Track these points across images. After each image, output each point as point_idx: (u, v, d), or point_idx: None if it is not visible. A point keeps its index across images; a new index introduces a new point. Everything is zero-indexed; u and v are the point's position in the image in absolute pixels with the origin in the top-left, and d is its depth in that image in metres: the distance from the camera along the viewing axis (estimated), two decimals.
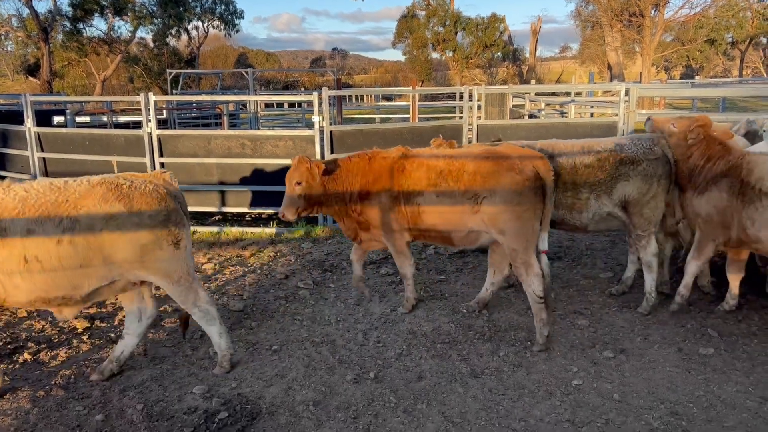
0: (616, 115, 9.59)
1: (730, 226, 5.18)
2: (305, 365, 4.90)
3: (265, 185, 9.05)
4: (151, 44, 43.54)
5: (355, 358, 5.00)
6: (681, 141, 5.50)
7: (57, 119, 14.37)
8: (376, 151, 5.82)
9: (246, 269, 7.41)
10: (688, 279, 5.55)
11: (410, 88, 22.54)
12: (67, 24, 36.35)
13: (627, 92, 9.30)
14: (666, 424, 3.99)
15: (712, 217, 5.25)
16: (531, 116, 15.57)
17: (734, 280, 5.65)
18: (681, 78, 47.50)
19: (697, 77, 34.68)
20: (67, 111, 13.90)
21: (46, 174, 10.06)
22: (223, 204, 9.37)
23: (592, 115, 15.39)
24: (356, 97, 35.47)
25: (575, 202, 5.69)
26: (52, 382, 4.70)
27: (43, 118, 13.53)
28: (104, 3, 36.01)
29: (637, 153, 5.64)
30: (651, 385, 4.49)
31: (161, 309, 6.10)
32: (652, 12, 31.32)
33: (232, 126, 19.10)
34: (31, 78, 38.74)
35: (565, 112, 14.57)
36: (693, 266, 5.51)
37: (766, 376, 4.57)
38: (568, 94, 17.39)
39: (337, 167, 5.69)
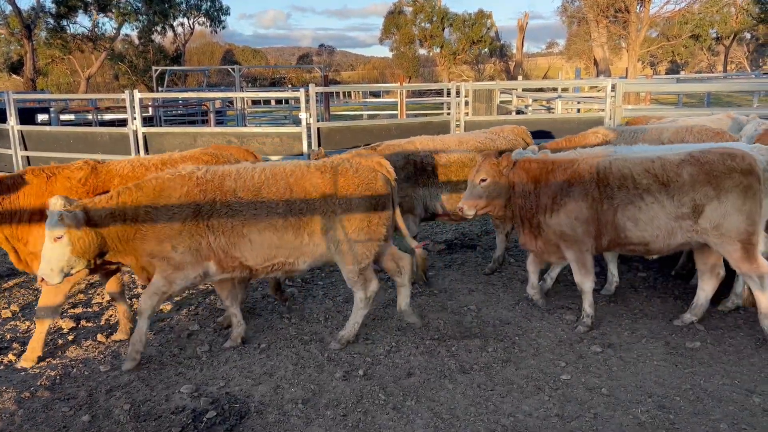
0: (603, 110, 9.64)
1: (599, 231, 5.18)
2: (294, 363, 4.88)
3: None
4: (137, 41, 43.20)
5: (344, 356, 4.98)
6: (500, 178, 5.44)
7: (41, 117, 14.24)
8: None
9: None
10: (590, 298, 5.38)
11: (398, 84, 22.53)
12: (51, 21, 35.98)
13: (613, 88, 9.36)
14: (653, 418, 4.02)
15: (577, 229, 5.20)
16: (518, 112, 15.62)
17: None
18: (666, 73, 47.83)
19: (682, 72, 34.90)
20: (51, 109, 13.77)
21: None
22: None
23: (578, 110, 15.47)
24: (344, 93, 35.37)
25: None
26: (38, 383, 4.64)
27: (27, 116, 13.41)
28: (88, 0, 35.66)
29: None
30: (638, 379, 4.51)
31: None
32: (638, 8, 31.50)
33: (219, 123, 19.02)
34: (14, 76, 38.34)
35: (552, 108, 14.62)
36: (588, 285, 5.35)
37: (751, 368, 4.61)
38: (554, 89, 17.46)
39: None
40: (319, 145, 9.01)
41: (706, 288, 5.36)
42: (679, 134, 6.60)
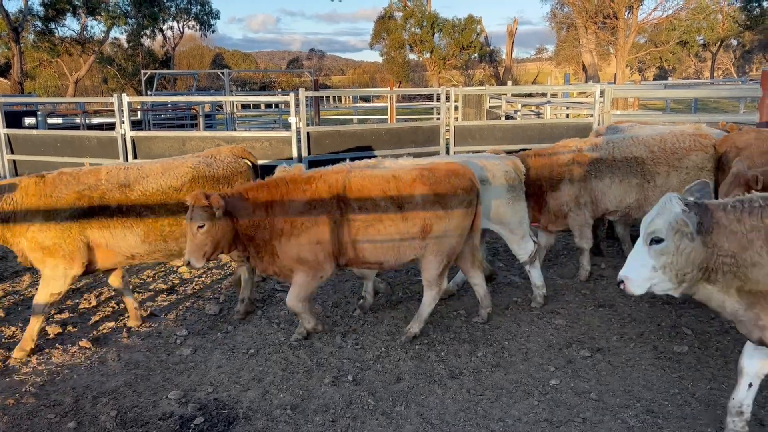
0: (591, 115, 9.70)
1: (338, 252, 5.01)
2: (282, 369, 4.85)
3: None
4: (126, 44, 42.93)
5: (333, 361, 4.96)
6: (218, 219, 4.78)
7: (28, 120, 14.11)
8: None
9: (222, 272, 7.33)
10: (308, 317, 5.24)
11: (388, 89, 22.56)
12: (39, 24, 35.65)
13: (602, 93, 9.41)
14: (642, 422, 4.03)
15: (318, 254, 4.93)
16: (507, 117, 15.67)
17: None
18: (654, 79, 48.25)
19: (670, 78, 35.22)
20: (39, 112, 13.65)
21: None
22: None
23: (567, 116, 15.54)
24: (334, 98, 35.43)
25: None
26: (23, 390, 4.59)
27: (14, 119, 13.29)
28: (77, 2, 35.38)
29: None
30: (627, 384, 4.53)
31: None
32: (626, 14, 31.73)
33: (208, 127, 18.95)
34: (1, 79, 37.96)
35: (541, 113, 14.68)
36: (300, 306, 5.10)
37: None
38: (544, 95, 17.54)
39: None
40: (309, 149, 8.99)
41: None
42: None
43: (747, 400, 3.77)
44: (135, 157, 9.12)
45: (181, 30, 45.88)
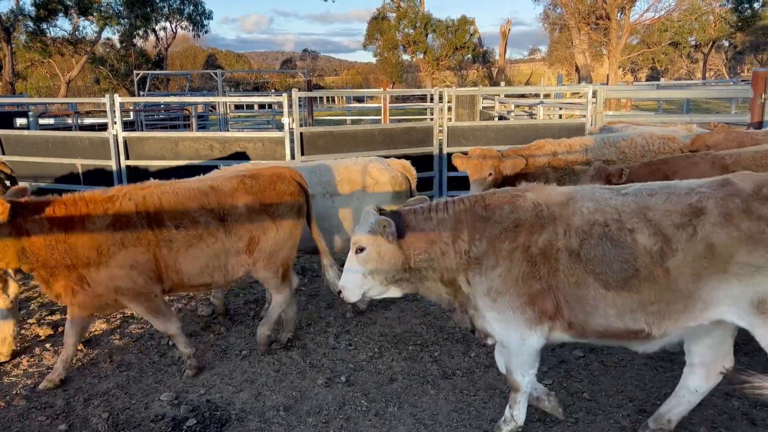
0: (584, 116, 9.72)
1: (161, 276, 4.54)
2: (275, 370, 4.84)
3: None
4: (118, 45, 42.79)
5: (326, 362, 4.96)
6: None
7: (19, 121, 14.03)
8: None
9: None
10: (182, 339, 4.79)
11: (381, 89, 22.56)
12: (30, 24, 35.53)
13: (594, 94, 9.44)
14: (635, 422, 4.04)
15: (137, 279, 4.43)
16: (501, 118, 15.70)
17: None
18: (646, 80, 48.49)
19: (662, 79, 35.40)
20: (30, 113, 13.56)
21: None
22: None
23: (560, 116, 15.59)
24: (327, 98, 35.37)
25: None
26: (14, 392, 4.56)
27: (5, 120, 13.21)
28: (69, 3, 35.28)
29: None
30: (620, 384, 4.54)
31: (128, 314, 5.99)
32: (618, 15, 31.87)
33: (201, 128, 18.90)
34: None
35: (534, 114, 14.72)
36: (173, 328, 4.71)
37: (730, 372, 4.64)
38: (537, 95, 17.57)
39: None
40: (302, 150, 8.97)
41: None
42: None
43: (537, 385, 4.05)
44: (127, 158, 9.08)
45: (174, 30, 45.75)
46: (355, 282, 3.74)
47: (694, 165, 5.34)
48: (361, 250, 3.67)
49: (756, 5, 41.17)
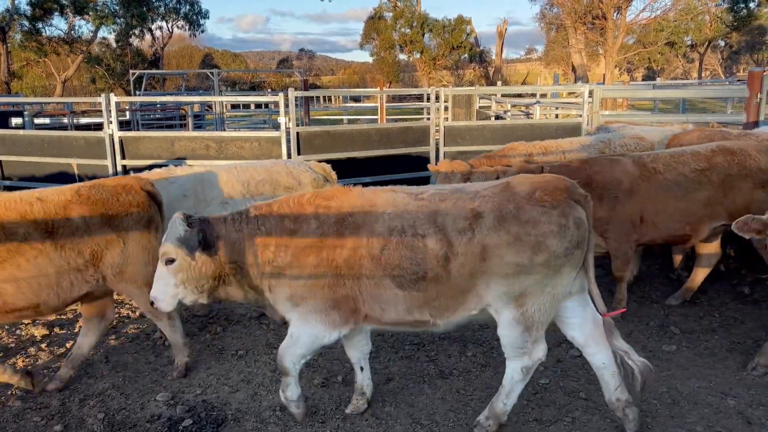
0: (580, 116, 9.73)
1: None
2: (272, 370, 4.83)
3: None
4: (114, 44, 42.63)
5: (322, 362, 4.95)
6: None
7: (15, 121, 13.97)
8: None
9: None
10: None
11: (378, 89, 22.54)
12: (26, 23, 35.35)
13: (590, 93, 9.45)
14: None
15: None
16: (497, 117, 15.70)
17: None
18: (643, 79, 48.52)
19: (658, 79, 35.47)
20: (25, 112, 13.50)
21: (3, 177, 9.76)
22: None
23: (557, 116, 15.59)
24: (324, 98, 35.36)
25: None
26: (9, 393, 4.54)
27: (0, 119, 13.15)
28: (64, 2, 35.11)
29: None
30: None
31: (122, 314, 5.98)
32: (614, 15, 31.91)
33: (198, 127, 18.86)
34: None
35: (531, 114, 14.73)
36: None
37: (726, 371, 4.66)
38: (533, 95, 17.59)
39: None
40: (299, 150, 8.96)
41: None
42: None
43: (365, 381, 4.21)
44: (123, 157, 9.05)
45: (170, 30, 45.62)
46: (167, 292, 3.75)
47: (616, 164, 5.44)
48: (171, 261, 3.65)
49: (752, 5, 41.27)
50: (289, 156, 8.87)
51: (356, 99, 33.37)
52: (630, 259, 5.63)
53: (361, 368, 4.20)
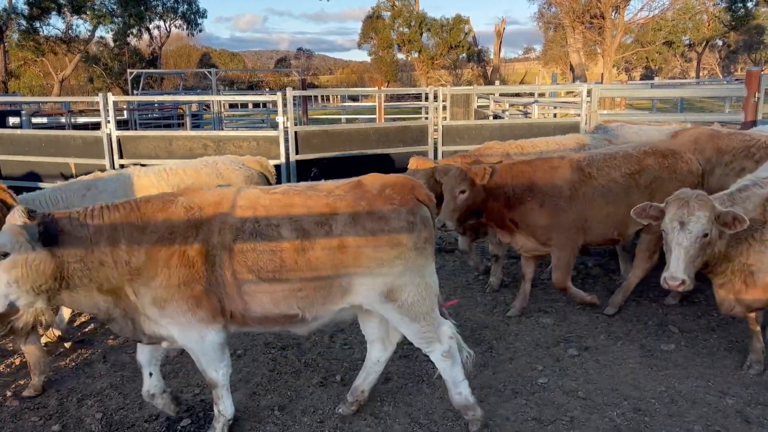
0: (579, 115, 9.74)
1: None
2: (270, 369, 4.83)
3: None
4: (112, 44, 42.56)
5: (321, 362, 4.94)
6: None
7: (12, 120, 13.95)
8: None
9: None
10: None
11: (376, 88, 22.53)
12: (23, 22, 35.31)
13: (589, 93, 9.45)
14: (629, 421, 4.04)
15: None
16: (495, 117, 15.70)
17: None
18: (641, 79, 48.52)
19: (656, 78, 35.47)
20: (23, 112, 13.49)
21: (0, 177, 9.73)
22: None
23: (555, 115, 15.59)
24: (322, 97, 35.35)
25: None
26: (6, 393, 4.53)
27: None
28: (62, 1, 35.07)
29: None
30: (614, 382, 4.54)
31: None
32: (613, 14, 31.94)
33: (195, 127, 18.84)
34: None
35: (529, 113, 14.73)
36: None
37: (724, 370, 4.67)
38: (531, 94, 17.59)
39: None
40: (297, 149, 8.96)
41: None
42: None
43: (155, 382, 4.04)
44: (121, 157, 9.04)
45: (168, 29, 45.58)
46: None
47: (555, 168, 5.46)
48: (4, 255, 3.26)
49: (749, 4, 41.36)
50: (286, 156, 8.86)
51: (354, 98, 33.34)
52: (572, 268, 5.62)
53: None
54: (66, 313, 5.59)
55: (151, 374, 4.01)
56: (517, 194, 5.41)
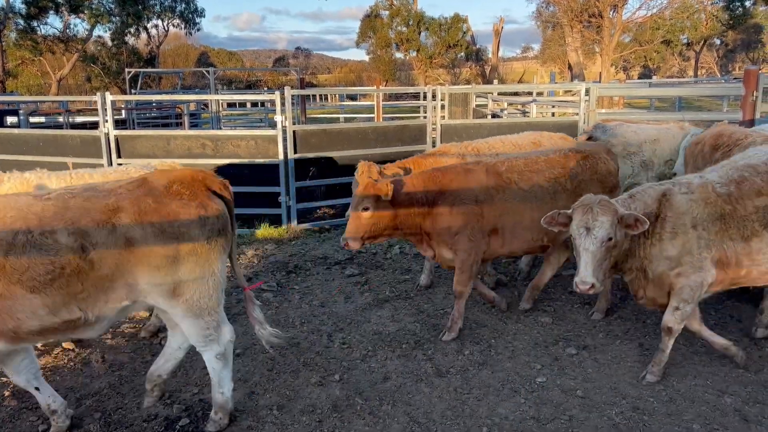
0: (577, 114, 9.73)
1: None
2: (269, 369, 4.83)
3: None
4: (110, 43, 42.49)
5: (319, 361, 4.94)
6: None
7: (10, 120, 13.93)
8: None
9: None
10: None
11: (374, 87, 22.52)
12: (21, 22, 35.25)
13: (587, 92, 9.44)
14: (628, 419, 4.05)
15: None
16: (494, 116, 15.70)
17: None
18: (639, 78, 48.61)
19: (654, 77, 35.46)
20: (21, 111, 13.46)
21: None
22: None
23: (553, 114, 15.59)
24: (320, 96, 35.30)
25: None
26: (4, 393, 4.53)
27: None
28: (59, 0, 35.01)
29: None
30: (613, 381, 4.55)
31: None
32: (611, 13, 31.92)
33: (193, 126, 18.79)
34: None
35: (527, 112, 14.73)
36: None
37: (722, 369, 4.67)
38: (530, 93, 17.59)
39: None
40: (295, 148, 8.94)
41: None
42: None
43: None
44: (119, 156, 9.02)
45: (166, 28, 45.50)
46: None
47: (469, 172, 5.32)
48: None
49: (747, 3, 41.44)
50: (285, 155, 8.85)
51: (353, 97, 33.30)
52: (474, 275, 5.37)
53: None
54: None
55: (37, 389, 3.96)
56: (429, 201, 5.19)
